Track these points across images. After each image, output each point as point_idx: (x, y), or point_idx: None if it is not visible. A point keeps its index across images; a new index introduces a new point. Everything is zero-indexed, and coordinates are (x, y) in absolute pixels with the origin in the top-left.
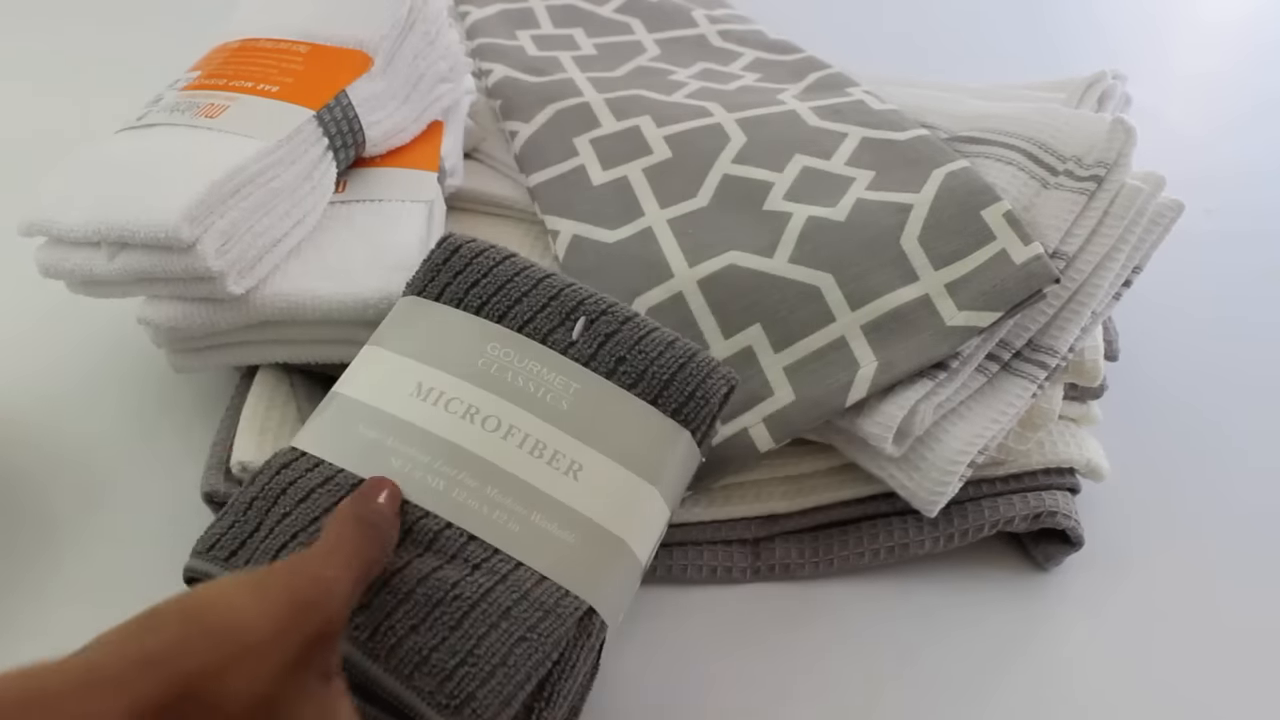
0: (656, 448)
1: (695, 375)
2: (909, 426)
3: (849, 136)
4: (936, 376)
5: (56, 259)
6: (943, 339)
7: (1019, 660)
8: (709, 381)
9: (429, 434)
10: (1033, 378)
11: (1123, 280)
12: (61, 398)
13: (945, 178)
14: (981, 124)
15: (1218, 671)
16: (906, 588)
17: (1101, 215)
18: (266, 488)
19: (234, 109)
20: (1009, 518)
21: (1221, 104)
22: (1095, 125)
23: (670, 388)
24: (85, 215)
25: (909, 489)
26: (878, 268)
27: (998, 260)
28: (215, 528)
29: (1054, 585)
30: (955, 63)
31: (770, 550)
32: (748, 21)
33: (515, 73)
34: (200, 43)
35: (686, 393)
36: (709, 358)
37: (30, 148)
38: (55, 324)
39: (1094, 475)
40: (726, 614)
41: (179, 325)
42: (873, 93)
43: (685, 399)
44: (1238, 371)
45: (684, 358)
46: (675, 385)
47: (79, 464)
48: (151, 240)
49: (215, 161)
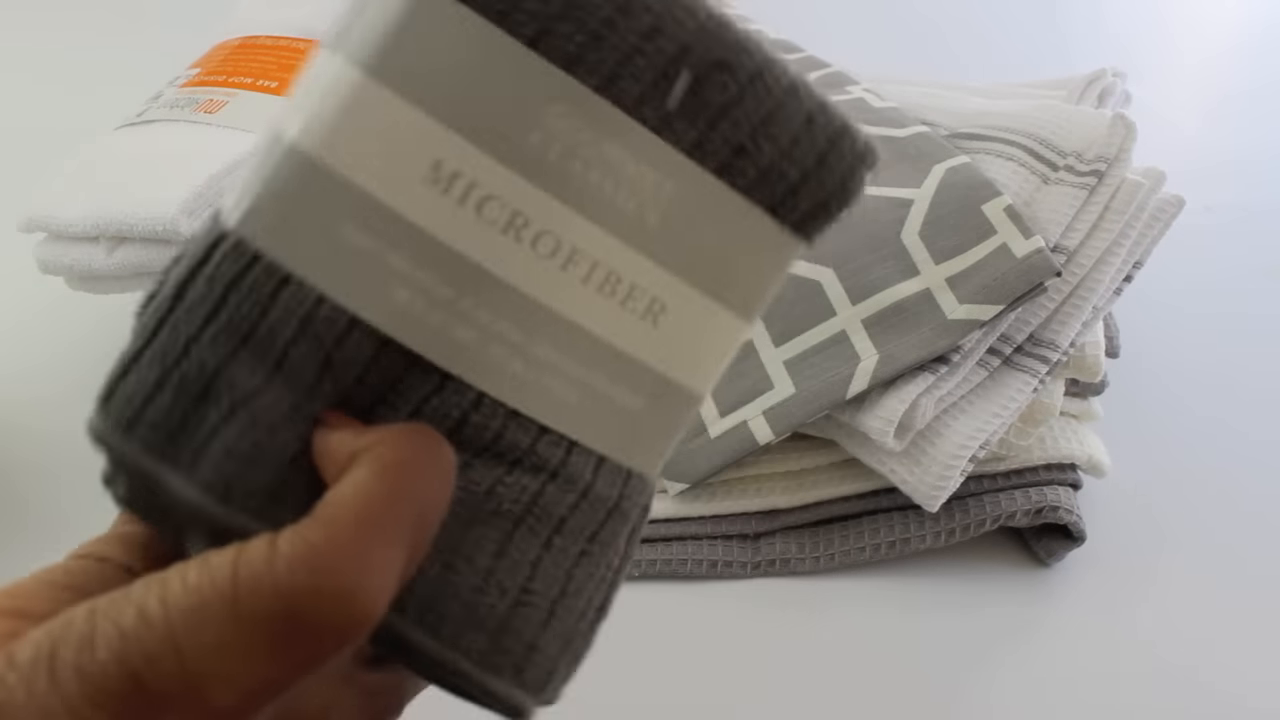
0: (767, 274)
1: (837, 167)
2: (910, 421)
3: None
4: (938, 370)
5: (56, 254)
6: (944, 332)
7: (1021, 655)
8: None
9: (453, 253)
10: (1034, 372)
11: (1124, 275)
12: (60, 394)
13: (946, 173)
14: (982, 121)
15: (1220, 666)
16: (908, 583)
17: (1102, 210)
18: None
19: (233, 105)
20: (1010, 513)
21: (1222, 101)
22: (1095, 121)
23: (802, 190)
24: (84, 210)
25: (910, 484)
26: (878, 262)
27: (999, 254)
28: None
29: (1056, 580)
30: (955, 62)
31: (771, 545)
32: (748, 21)
33: None
34: (201, 41)
35: (822, 196)
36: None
37: (30, 145)
38: (54, 320)
39: (1095, 471)
40: (726, 609)
41: None
42: (873, 90)
43: (817, 205)
44: (1238, 368)
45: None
46: (810, 186)
47: (78, 460)
48: (150, 234)
49: (214, 156)
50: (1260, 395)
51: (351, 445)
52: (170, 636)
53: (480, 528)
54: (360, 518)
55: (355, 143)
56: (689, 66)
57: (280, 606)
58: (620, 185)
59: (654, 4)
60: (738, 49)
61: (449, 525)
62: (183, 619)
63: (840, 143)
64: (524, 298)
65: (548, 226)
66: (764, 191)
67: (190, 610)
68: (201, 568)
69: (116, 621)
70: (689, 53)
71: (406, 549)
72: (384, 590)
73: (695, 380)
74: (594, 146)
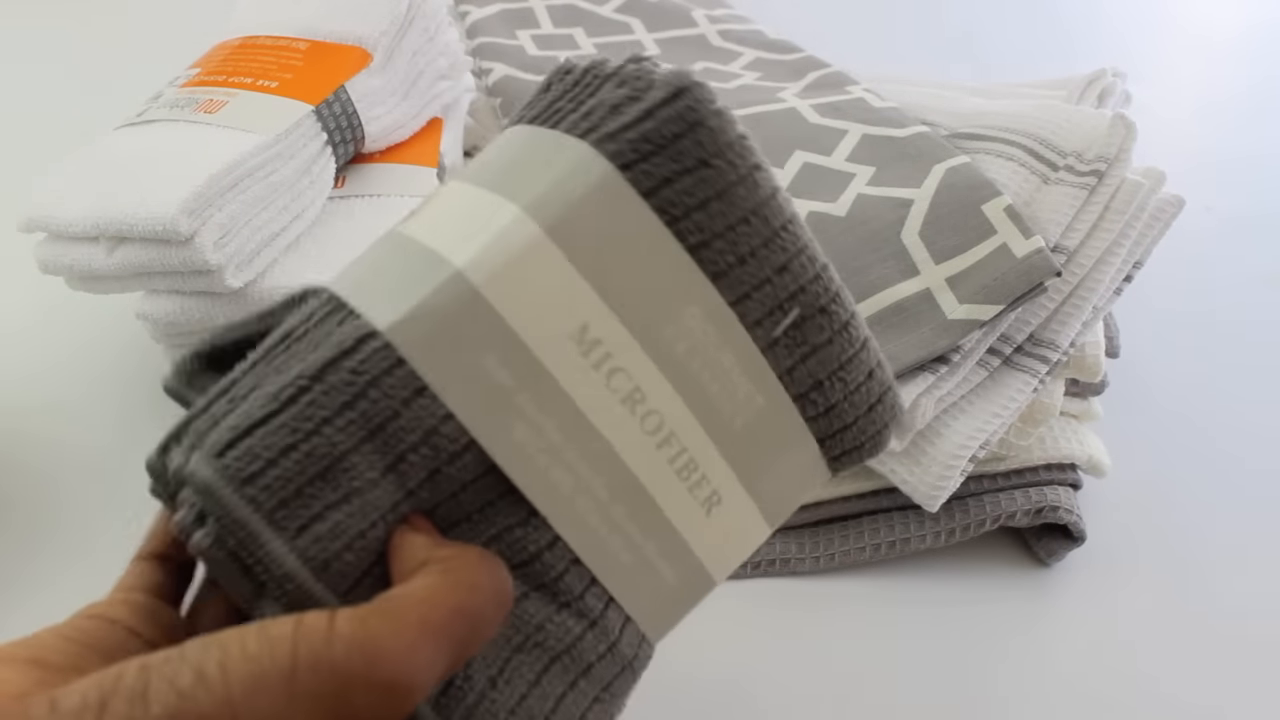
0: (800, 492)
1: (879, 418)
2: (910, 420)
3: (849, 133)
4: (938, 370)
5: (55, 254)
6: (944, 332)
7: (1021, 655)
8: (886, 429)
9: (575, 408)
10: (1034, 372)
11: (1124, 275)
12: (60, 394)
13: (946, 173)
14: (981, 121)
15: (1220, 667)
16: (907, 583)
17: (1102, 210)
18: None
19: (233, 104)
20: (1010, 512)
21: (1222, 101)
22: (1095, 121)
23: (850, 430)
24: (84, 210)
25: (910, 484)
26: (878, 262)
27: (999, 254)
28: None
29: (1056, 580)
30: (955, 62)
31: (770, 545)
32: (747, 21)
33: (516, 71)
34: (201, 41)
35: (862, 440)
36: (895, 397)
37: (30, 145)
38: (54, 320)
39: (1095, 471)
40: (725, 610)
41: (177, 320)
42: (873, 90)
43: (855, 448)
44: (1238, 368)
45: (877, 396)
46: (855, 429)
47: (78, 460)
48: (150, 233)
49: (214, 155)
50: (1260, 395)
51: (427, 552)
52: (228, 701)
53: (524, 655)
54: (423, 619)
55: (519, 288)
56: (800, 304)
57: (333, 686)
58: (724, 389)
59: (789, 245)
60: (837, 299)
61: (499, 644)
62: (240, 686)
63: (886, 398)
64: (621, 464)
65: (657, 407)
66: (823, 424)
67: (248, 678)
68: (261, 637)
69: (172, 681)
70: (803, 293)
71: (453, 660)
72: (425, 690)
73: (718, 570)
74: (714, 351)
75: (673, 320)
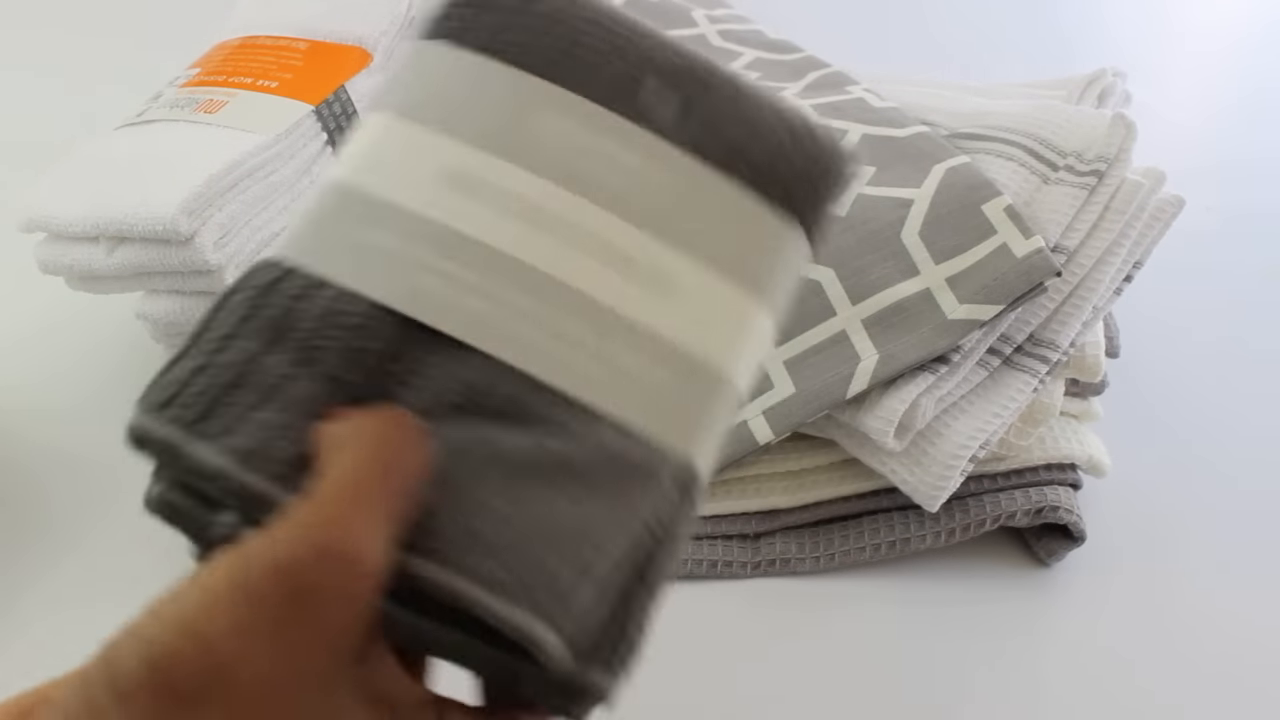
0: (763, 249)
1: (811, 152)
2: (910, 421)
3: (849, 133)
4: (938, 370)
5: (56, 254)
6: (944, 332)
7: (1021, 655)
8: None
9: (470, 240)
10: (1034, 372)
11: (1124, 275)
12: (60, 395)
13: (945, 173)
14: (981, 121)
15: (1219, 666)
16: (908, 583)
17: (1102, 210)
18: (247, 318)
19: (233, 104)
20: (1010, 512)
21: (1222, 101)
22: (1095, 121)
23: (778, 168)
24: (84, 210)
25: (910, 484)
26: (879, 262)
27: (999, 254)
28: (174, 372)
29: (1056, 580)
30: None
31: (771, 545)
32: (748, 21)
33: None
34: (201, 41)
35: (798, 174)
36: (828, 129)
37: (30, 145)
38: (54, 320)
39: (1095, 471)
40: (726, 609)
41: (177, 320)
42: (872, 90)
43: (797, 183)
44: (1238, 368)
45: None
46: (783, 165)
47: (79, 460)
48: (150, 233)
49: (213, 155)
50: (1260, 395)
51: (333, 434)
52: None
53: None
54: (343, 490)
55: (380, 165)
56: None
57: (286, 580)
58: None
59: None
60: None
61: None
62: (200, 612)
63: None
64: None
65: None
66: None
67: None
68: (211, 568)
69: (138, 633)
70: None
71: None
72: (373, 547)
73: (717, 356)
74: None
75: (532, 130)
